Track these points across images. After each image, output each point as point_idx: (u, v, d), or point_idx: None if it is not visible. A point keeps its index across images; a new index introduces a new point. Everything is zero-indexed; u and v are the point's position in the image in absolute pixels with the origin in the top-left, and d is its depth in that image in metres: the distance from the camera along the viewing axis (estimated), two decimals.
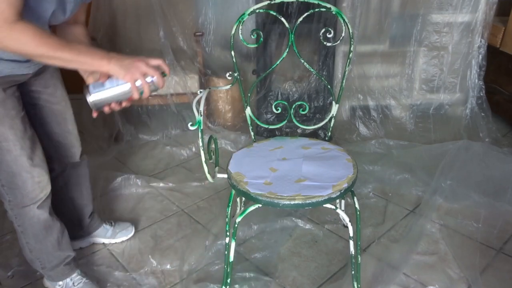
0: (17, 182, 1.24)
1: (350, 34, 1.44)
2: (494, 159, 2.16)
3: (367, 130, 2.58)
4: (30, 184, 1.25)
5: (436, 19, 2.52)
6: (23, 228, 1.33)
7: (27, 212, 1.30)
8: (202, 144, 1.21)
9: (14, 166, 1.21)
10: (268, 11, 1.64)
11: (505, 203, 1.84)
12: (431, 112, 2.70)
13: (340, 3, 2.44)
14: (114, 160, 2.35)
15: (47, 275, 1.45)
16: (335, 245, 1.68)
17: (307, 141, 1.50)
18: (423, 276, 1.51)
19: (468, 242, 1.67)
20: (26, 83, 1.27)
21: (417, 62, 2.64)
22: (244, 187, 1.21)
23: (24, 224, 1.32)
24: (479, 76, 2.57)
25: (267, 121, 2.52)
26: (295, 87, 2.49)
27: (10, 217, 1.34)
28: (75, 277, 1.47)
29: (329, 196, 1.16)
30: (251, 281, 1.49)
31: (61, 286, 1.46)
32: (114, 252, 1.67)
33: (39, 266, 1.42)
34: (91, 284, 1.48)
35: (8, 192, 1.26)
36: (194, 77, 2.51)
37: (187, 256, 1.62)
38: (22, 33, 0.98)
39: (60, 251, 1.41)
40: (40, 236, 1.35)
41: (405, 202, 1.93)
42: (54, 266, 1.41)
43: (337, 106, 1.55)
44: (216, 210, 1.91)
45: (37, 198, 1.29)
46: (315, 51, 2.42)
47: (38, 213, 1.32)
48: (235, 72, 1.49)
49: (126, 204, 1.97)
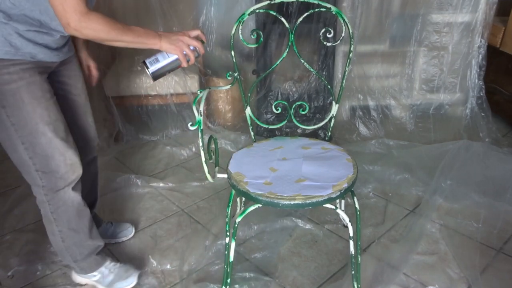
0: (51, 165, 1.25)
1: (350, 34, 1.44)
2: (494, 159, 2.16)
3: (367, 130, 2.58)
4: (63, 166, 1.27)
5: (436, 19, 2.52)
6: (57, 214, 1.33)
7: (62, 195, 1.30)
8: (202, 144, 1.21)
9: (48, 149, 1.23)
10: (268, 11, 1.64)
11: (505, 203, 1.84)
12: (431, 112, 2.70)
13: (340, 3, 2.44)
14: (114, 160, 2.35)
15: (80, 267, 1.44)
16: (335, 245, 1.68)
17: (307, 141, 1.50)
18: (423, 276, 1.51)
19: (468, 242, 1.67)
20: (52, 73, 1.30)
21: (417, 62, 2.64)
22: (244, 187, 1.21)
23: (59, 210, 1.32)
24: (479, 76, 2.57)
25: (267, 121, 2.52)
26: (295, 87, 2.49)
27: (42, 204, 1.32)
28: (108, 264, 1.47)
29: (329, 196, 1.16)
30: (251, 281, 1.49)
31: (96, 276, 1.46)
32: (114, 252, 1.67)
33: (71, 260, 1.41)
34: (127, 266, 1.50)
35: (42, 177, 1.26)
36: (194, 77, 2.51)
37: (187, 256, 1.62)
38: (95, 21, 1.10)
39: (91, 239, 1.41)
40: (73, 222, 1.35)
41: (405, 202, 1.93)
42: (86, 257, 1.41)
43: (337, 106, 1.55)
44: (216, 210, 1.91)
45: (70, 180, 1.30)
46: (315, 51, 2.42)
47: (73, 195, 1.33)
48: (235, 72, 1.49)
49: (126, 204, 1.97)
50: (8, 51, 1.13)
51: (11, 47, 1.13)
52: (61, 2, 1.06)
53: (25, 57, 1.16)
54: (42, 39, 1.19)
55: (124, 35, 1.15)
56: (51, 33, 1.21)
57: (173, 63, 1.26)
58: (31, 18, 1.14)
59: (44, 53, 1.21)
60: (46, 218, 1.35)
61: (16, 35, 1.13)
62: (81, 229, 1.38)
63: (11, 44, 1.13)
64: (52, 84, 1.28)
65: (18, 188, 2.04)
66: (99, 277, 1.46)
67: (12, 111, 1.17)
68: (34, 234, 1.76)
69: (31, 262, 1.61)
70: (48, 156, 1.24)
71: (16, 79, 1.15)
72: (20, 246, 1.70)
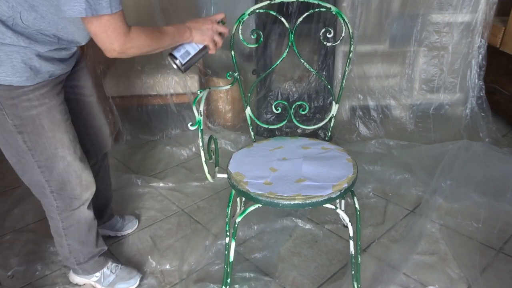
0: (67, 188, 1.24)
1: (350, 34, 1.44)
2: (494, 159, 2.16)
3: (367, 130, 2.58)
4: (79, 188, 1.26)
5: (436, 19, 2.52)
6: (69, 230, 1.33)
7: (77, 214, 1.30)
8: (202, 144, 1.21)
9: (65, 174, 1.22)
10: (268, 11, 1.64)
11: (505, 203, 1.84)
12: (431, 112, 2.70)
13: (340, 3, 2.44)
14: (114, 160, 2.35)
15: (82, 269, 1.44)
16: (335, 245, 1.68)
17: (307, 141, 1.49)
18: (423, 276, 1.51)
19: (468, 242, 1.67)
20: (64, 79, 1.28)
21: (417, 62, 2.64)
22: (244, 187, 1.21)
23: (71, 227, 1.32)
24: (479, 76, 2.57)
25: (267, 121, 2.52)
26: (295, 87, 2.49)
27: (54, 221, 1.32)
28: (110, 265, 1.48)
29: (329, 196, 1.16)
30: (251, 281, 1.49)
31: (98, 277, 1.46)
32: (114, 252, 1.67)
33: (74, 263, 1.41)
34: (129, 268, 1.50)
35: (57, 198, 1.25)
36: (194, 77, 2.51)
37: (187, 256, 1.62)
38: (137, 38, 1.07)
39: (97, 247, 1.43)
40: (83, 237, 1.36)
41: (405, 202, 1.93)
42: (89, 259, 1.42)
43: (337, 106, 1.55)
44: (216, 210, 1.91)
45: (84, 199, 1.30)
46: (315, 51, 2.42)
47: (87, 213, 1.33)
48: (235, 72, 1.49)
49: (126, 204, 1.97)
50: (28, 77, 1.07)
51: (31, 72, 1.07)
52: (104, 29, 1.01)
53: (44, 78, 1.11)
54: (59, 55, 1.15)
55: (163, 41, 1.14)
56: (69, 48, 1.17)
57: (203, 51, 1.26)
58: (48, 36, 1.08)
59: (61, 68, 1.17)
60: (56, 232, 1.35)
61: (36, 58, 1.08)
62: (89, 241, 1.39)
63: (31, 68, 1.07)
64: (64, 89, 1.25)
65: (18, 188, 2.04)
66: (99, 278, 1.46)
67: (30, 137, 1.14)
68: (34, 234, 1.76)
69: (31, 262, 1.61)
70: (64, 180, 1.23)
71: (37, 105, 1.11)
72: (20, 246, 1.70)
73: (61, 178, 1.22)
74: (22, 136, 1.13)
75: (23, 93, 1.08)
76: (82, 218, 1.32)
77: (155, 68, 2.49)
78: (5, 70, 1.04)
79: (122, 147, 2.49)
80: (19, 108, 1.09)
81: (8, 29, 1.02)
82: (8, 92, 1.07)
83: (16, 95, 1.08)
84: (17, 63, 1.05)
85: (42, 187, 1.22)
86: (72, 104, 1.29)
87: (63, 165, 1.20)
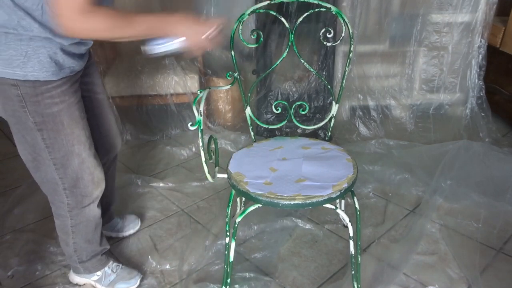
0: (79, 185, 1.24)
1: (350, 34, 1.44)
2: (494, 159, 2.16)
3: (367, 130, 2.58)
4: (91, 185, 1.27)
5: (436, 19, 2.52)
6: (77, 228, 1.33)
7: (87, 212, 1.31)
8: (202, 144, 1.21)
9: (79, 171, 1.22)
10: (268, 11, 1.64)
11: (505, 203, 1.84)
12: (431, 112, 2.70)
13: (340, 3, 2.44)
14: None
15: (84, 267, 1.44)
16: (335, 245, 1.68)
17: (307, 141, 1.49)
18: (423, 276, 1.51)
19: (468, 242, 1.67)
20: None
21: (417, 62, 2.64)
22: (244, 187, 1.21)
23: (80, 225, 1.32)
24: (479, 76, 2.57)
25: (267, 121, 2.52)
26: (295, 87, 2.49)
27: (62, 218, 1.31)
28: (111, 264, 1.48)
29: (329, 196, 1.16)
30: (251, 281, 1.49)
31: (99, 276, 1.46)
32: (114, 252, 1.67)
33: (76, 261, 1.42)
34: (129, 269, 1.50)
35: (69, 195, 1.25)
36: (194, 77, 2.51)
37: (187, 256, 1.62)
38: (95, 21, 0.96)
39: (100, 246, 1.43)
40: (89, 235, 1.37)
41: (405, 202, 1.93)
42: (91, 257, 1.42)
43: (337, 106, 1.55)
44: (216, 210, 1.91)
45: (94, 196, 1.30)
46: (315, 51, 2.42)
47: (96, 211, 1.34)
48: (235, 72, 1.49)
49: (126, 204, 1.97)
50: (53, 72, 1.08)
51: (56, 67, 1.08)
52: None
53: (66, 74, 1.12)
54: (79, 50, 1.15)
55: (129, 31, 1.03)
56: (86, 42, 1.17)
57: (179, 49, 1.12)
58: None
59: (80, 64, 1.18)
60: (63, 230, 1.34)
61: (60, 53, 1.08)
62: (94, 240, 1.40)
63: (56, 63, 1.08)
64: None
65: (18, 188, 2.04)
66: (100, 277, 1.46)
67: (49, 134, 1.14)
68: (34, 234, 1.76)
69: (31, 262, 1.61)
70: (78, 177, 1.23)
71: (58, 102, 1.12)
72: (20, 246, 1.70)
73: (75, 175, 1.22)
74: (41, 134, 1.13)
75: (46, 90, 1.09)
76: (91, 216, 1.33)
77: (155, 68, 2.49)
78: (32, 66, 1.05)
79: (122, 147, 2.49)
80: (42, 105, 1.10)
81: (35, 21, 1.01)
82: (33, 89, 1.07)
83: (40, 92, 1.08)
84: (43, 57, 1.05)
85: (55, 184, 1.23)
86: (86, 102, 1.30)
87: (78, 161, 1.21)
